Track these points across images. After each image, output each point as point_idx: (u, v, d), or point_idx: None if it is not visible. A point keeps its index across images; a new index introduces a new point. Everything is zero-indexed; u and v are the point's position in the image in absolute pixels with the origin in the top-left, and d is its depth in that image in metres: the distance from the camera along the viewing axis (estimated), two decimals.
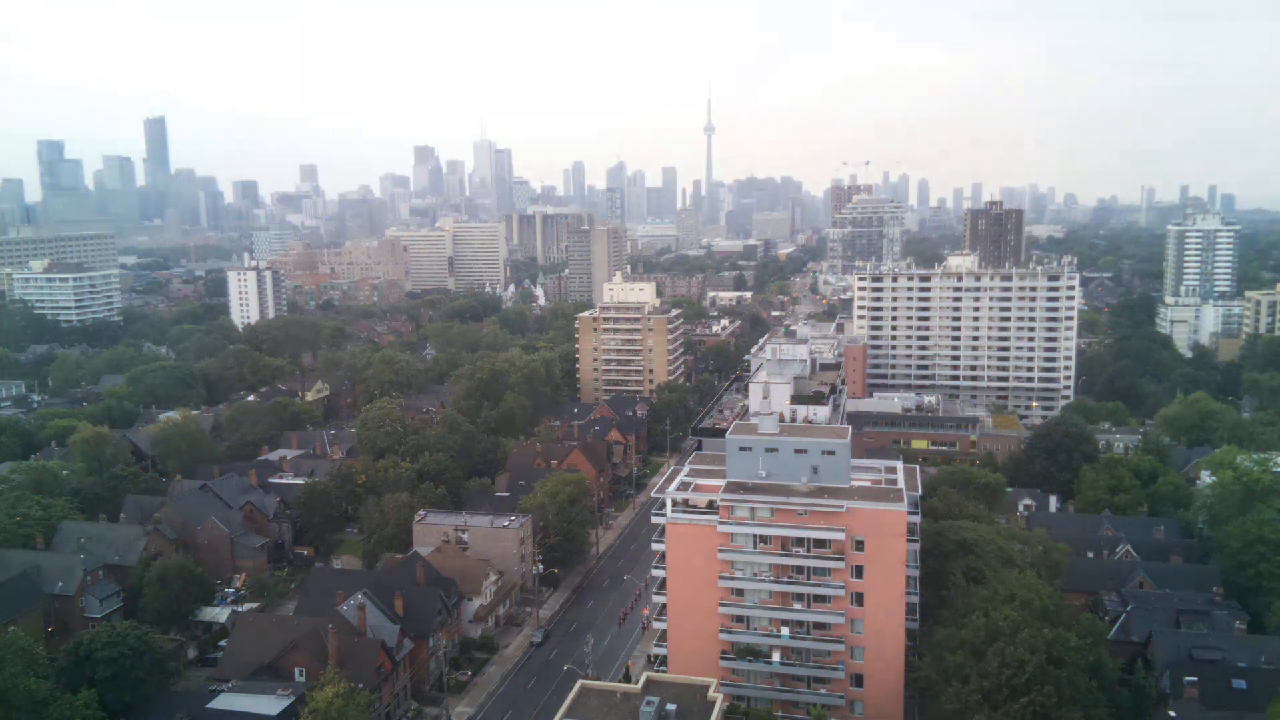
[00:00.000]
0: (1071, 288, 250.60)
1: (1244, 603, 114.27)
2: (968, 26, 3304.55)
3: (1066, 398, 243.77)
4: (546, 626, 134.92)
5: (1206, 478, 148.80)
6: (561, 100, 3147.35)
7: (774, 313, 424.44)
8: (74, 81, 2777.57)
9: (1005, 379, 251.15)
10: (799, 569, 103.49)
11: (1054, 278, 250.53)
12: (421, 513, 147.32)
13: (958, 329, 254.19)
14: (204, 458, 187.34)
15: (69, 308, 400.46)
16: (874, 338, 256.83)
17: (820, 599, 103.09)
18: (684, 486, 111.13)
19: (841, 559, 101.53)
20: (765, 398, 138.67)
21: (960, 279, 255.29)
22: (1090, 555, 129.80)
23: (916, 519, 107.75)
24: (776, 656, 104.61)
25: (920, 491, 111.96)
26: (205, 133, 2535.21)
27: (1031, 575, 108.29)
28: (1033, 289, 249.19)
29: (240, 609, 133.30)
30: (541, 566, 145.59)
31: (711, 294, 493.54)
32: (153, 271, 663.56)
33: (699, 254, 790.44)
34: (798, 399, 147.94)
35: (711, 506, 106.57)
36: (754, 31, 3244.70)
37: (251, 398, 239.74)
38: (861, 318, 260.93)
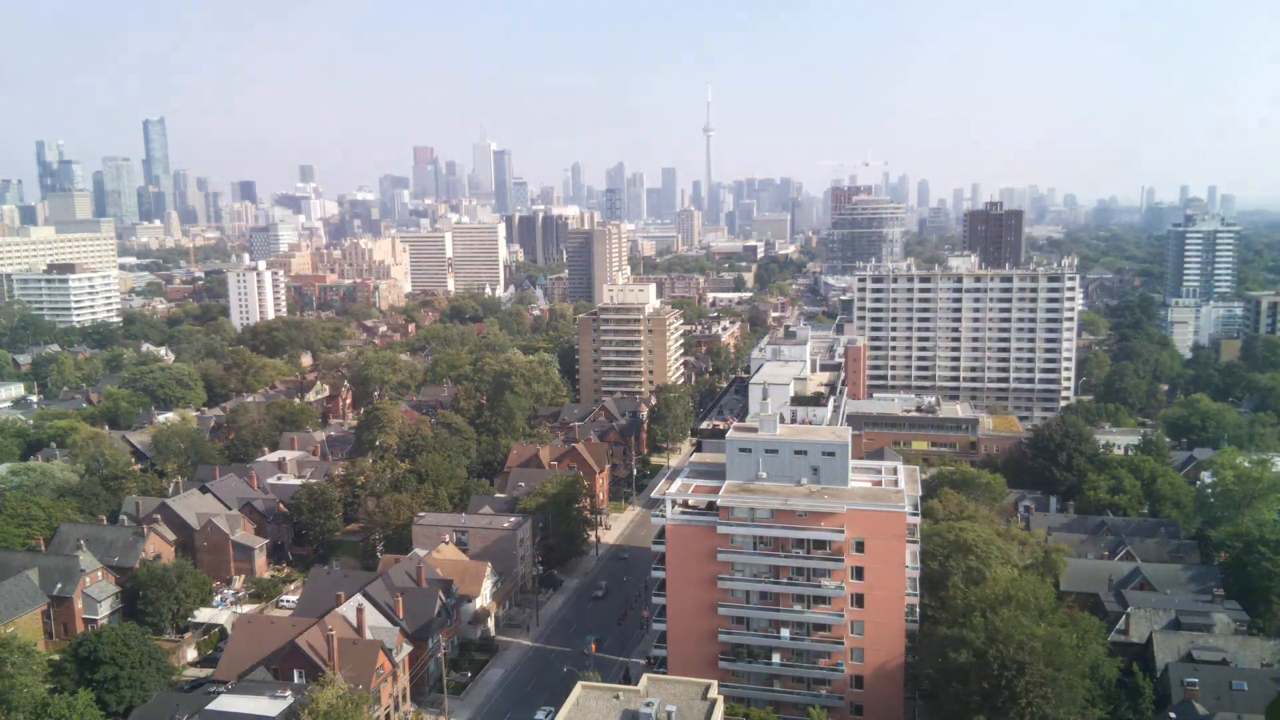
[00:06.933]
0: (1071, 289, 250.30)
1: (1244, 603, 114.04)
2: (968, 26, 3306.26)
3: (1067, 399, 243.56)
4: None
5: (1206, 478, 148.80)
6: (561, 101, 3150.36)
7: (774, 314, 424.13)
8: (73, 82, 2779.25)
9: (1005, 380, 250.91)
10: (799, 570, 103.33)
11: (1054, 279, 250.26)
12: (421, 514, 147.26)
13: (958, 330, 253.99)
14: (203, 459, 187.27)
15: (68, 309, 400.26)
16: (874, 339, 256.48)
17: (820, 600, 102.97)
18: (684, 488, 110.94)
19: (841, 560, 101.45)
20: (765, 399, 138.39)
21: (960, 280, 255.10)
22: (1090, 555, 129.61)
23: (916, 520, 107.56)
24: (776, 658, 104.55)
25: (920, 492, 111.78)
26: (204, 134, 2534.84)
27: (1031, 576, 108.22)
28: (1033, 290, 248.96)
29: (239, 610, 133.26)
30: (541, 567, 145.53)
31: (711, 295, 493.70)
32: (152, 272, 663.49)
33: (699, 255, 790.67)
34: (797, 400, 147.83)
35: (711, 508, 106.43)
36: (754, 31, 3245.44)
37: (251, 399, 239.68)
38: (862, 319, 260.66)
